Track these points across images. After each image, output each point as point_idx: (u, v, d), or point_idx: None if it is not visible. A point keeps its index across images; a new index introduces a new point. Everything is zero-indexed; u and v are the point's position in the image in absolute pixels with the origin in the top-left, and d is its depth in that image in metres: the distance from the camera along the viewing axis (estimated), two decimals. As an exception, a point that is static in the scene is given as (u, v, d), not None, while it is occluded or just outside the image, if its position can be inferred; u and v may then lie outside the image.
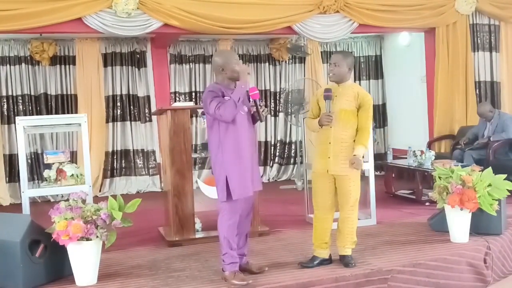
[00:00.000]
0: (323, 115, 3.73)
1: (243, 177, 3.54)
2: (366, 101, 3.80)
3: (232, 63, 3.57)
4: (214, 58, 3.66)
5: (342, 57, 3.82)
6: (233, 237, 3.60)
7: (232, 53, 3.68)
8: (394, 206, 6.10)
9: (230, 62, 3.57)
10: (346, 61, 3.81)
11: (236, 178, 3.51)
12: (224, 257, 3.60)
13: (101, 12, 6.03)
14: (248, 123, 3.64)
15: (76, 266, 3.65)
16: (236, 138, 3.53)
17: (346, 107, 3.76)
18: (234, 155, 3.52)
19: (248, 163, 3.58)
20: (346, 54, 3.91)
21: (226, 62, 3.57)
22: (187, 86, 8.48)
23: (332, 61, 3.83)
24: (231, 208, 3.56)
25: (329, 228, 3.90)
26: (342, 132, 3.76)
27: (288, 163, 9.06)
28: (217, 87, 3.57)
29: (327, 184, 3.82)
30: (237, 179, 3.51)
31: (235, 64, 3.57)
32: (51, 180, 4.67)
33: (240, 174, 3.53)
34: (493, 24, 7.66)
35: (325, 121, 3.71)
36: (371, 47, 9.44)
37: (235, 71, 3.56)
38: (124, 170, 8.23)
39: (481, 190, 4.21)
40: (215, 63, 3.63)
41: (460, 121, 7.52)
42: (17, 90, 7.73)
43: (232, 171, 3.51)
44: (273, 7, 6.72)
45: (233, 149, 3.53)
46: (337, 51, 3.90)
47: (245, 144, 3.57)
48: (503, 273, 4.31)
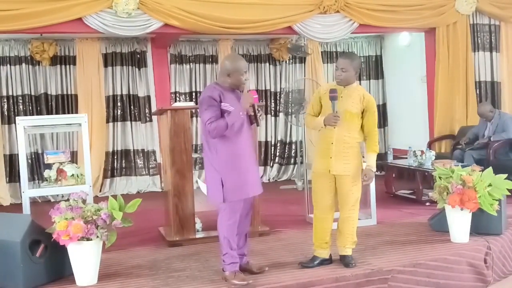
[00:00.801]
0: (330, 116, 3.71)
1: (239, 179, 3.52)
2: (372, 105, 3.83)
3: (240, 73, 3.58)
4: (225, 61, 3.65)
5: (350, 62, 3.80)
6: (233, 237, 3.60)
7: (242, 61, 3.65)
8: (394, 206, 6.11)
9: (238, 71, 3.57)
10: (353, 65, 3.80)
11: (231, 180, 3.50)
12: (224, 257, 3.60)
13: (101, 12, 6.03)
14: (246, 125, 3.64)
15: (77, 266, 3.65)
16: (232, 140, 3.52)
17: (352, 109, 3.77)
18: (230, 157, 3.51)
19: (246, 164, 3.57)
20: (353, 58, 3.88)
21: (234, 70, 3.57)
22: (187, 86, 8.48)
23: (340, 66, 3.81)
24: (230, 208, 3.55)
25: (329, 228, 3.90)
26: (345, 133, 3.76)
27: (288, 163, 9.06)
28: (216, 90, 3.55)
29: (327, 184, 3.82)
30: (233, 181, 3.50)
31: (242, 75, 3.58)
32: (51, 180, 4.68)
33: (237, 176, 3.51)
34: (493, 24, 7.66)
35: (332, 122, 3.69)
36: (371, 47, 9.44)
37: (239, 81, 3.58)
38: (125, 170, 8.22)
39: (481, 190, 4.21)
40: (224, 66, 3.63)
41: (460, 121, 7.51)
42: (18, 90, 7.72)
43: (227, 173, 3.50)
44: (273, 7, 6.72)
45: (229, 151, 3.52)
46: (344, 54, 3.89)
47: (243, 146, 3.57)
48: (504, 273, 4.31)
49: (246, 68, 3.64)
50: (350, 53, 4.81)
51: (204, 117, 3.48)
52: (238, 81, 3.59)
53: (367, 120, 3.83)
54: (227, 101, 3.53)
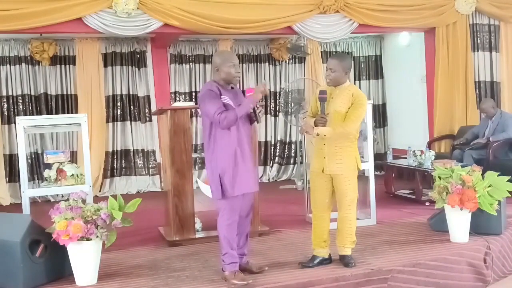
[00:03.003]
0: (317, 117, 3.74)
1: (238, 175, 3.52)
2: (358, 100, 3.78)
3: (227, 65, 3.57)
4: (213, 57, 3.69)
5: (338, 62, 3.80)
6: (233, 237, 3.60)
7: (230, 55, 3.68)
8: (394, 206, 6.11)
9: (225, 64, 3.57)
10: (342, 65, 3.79)
11: (229, 176, 3.50)
12: (224, 257, 3.60)
13: (101, 12, 6.02)
14: (245, 121, 3.65)
15: (76, 266, 3.65)
16: (231, 136, 3.53)
17: (341, 109, 3.77)
18: (228, 153, 3.52)
19: (243, 161, 3.56)
20: (342, 58, 3.89)
21: (221, 63, 3.59)
22: (187, 86, 8.48)
23: (329, 67, 3.83)
24: (229, 208, 3.55)
25: (327, 227, 3.91)
26: None
27: (288, 163, 9.06)
28: (214, 86, 3.57)
29: (324, 183, 3.84)
30: (231, 177, 3.50)
31: (231, 67, 3.57)
32: (51, 180, 4.68)
33: (234, 172, 3.51)
34: (493, 24, 7.66)
35: (319, 123, 3.71)
36: (371, 47, 9.44)
37: (229, 74, 3.57)
38: (124, 170, 8.23)
39: (481, 190, 4.21)
40: (213, 62, 3.67)
41: (460, 121, 7.51)
42: (17, 90, 7.72)
43: (225, 170, 3.51)
44: (273, 7, 6.71)
45: (228, 148, 3.52)
46: (334, 55, 3.91)
47: (241, 143, 3.57)
48: (503, 273, 4.31)
49: (236, 61, 3.63)
50: (340, 54, 4.81)
51: (210, 109, 3.47)
52: (228, 74, 3.58)
53: (349, 112, 3.77)
54: (226, 96, 3.55)
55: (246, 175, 3.58)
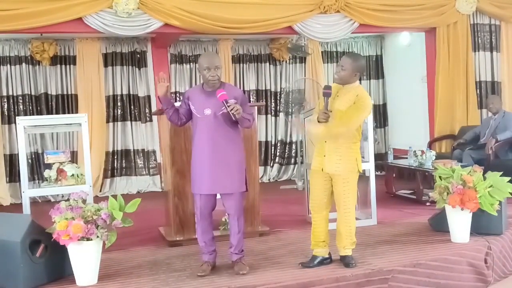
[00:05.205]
0: (320, 112, 3.70)
1: (195, 174, 3.74)
2: (360, 100, 3.72)
3: (202, 69, 3.68)
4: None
5: (351, 61, 3.75)
6: (200, 232, 3.83)
7: (204, 58, 3.70)
8: (394, 206, 6.10)
9: (201, 67, 3.70)
10: (353, 66, 3.74)
11: (192, 173, 3.78)
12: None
13: (101, 12, 6.02)
14: (222, 122, 3.67)
15: (77, 266, 3.64)
16: (197, 138, 3.72)
17: (342, 108, 3.73)
18: (194, 152, 3.76)
19: (205, 163, 3.67)
20: (355, 59, 3.82)
21: (199, 67, 3.77)
22: (187, 86, 8.47)
23: (340, 63, 3.79)
24: (195, 201, 3.83)
25: (325, 226, 3.89)
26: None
27: (289, 163, 9.05)
28: (191, 90, 3.93)
29: (323, 181, 3.82)
30: (193, 175, 3.77)
31: (204, 70, 3.64)
32: (51, 180, 4.67)
33: (194, 171, 3.75)
34: (494, 24, 7.66)
35: (322, 118, 3.67)
36: (371, 47, 9.43)
37: (204, 77, 3.68)
38: (125, 170, 8.22)
39: (481, 190, 4.21)
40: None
41: (460, 121, 7.50)
42: (18, 90, 7.72)
43: (192, 167, 3.78)
44: (273, 7, 6.71)
45: (194, 148, 3.76)
46: (349, 54, 3.85)
47: (203, 145, 3.68)
48: (504, 273, 4.31)
49: (210, 64, 3.63)
50: (355, 54, 4.72)
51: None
52: (204, 78, 3.69)
53: (349, 111, 3.71)
54: (194, 99, 3.74)
55: (206, 176, 3.67)
